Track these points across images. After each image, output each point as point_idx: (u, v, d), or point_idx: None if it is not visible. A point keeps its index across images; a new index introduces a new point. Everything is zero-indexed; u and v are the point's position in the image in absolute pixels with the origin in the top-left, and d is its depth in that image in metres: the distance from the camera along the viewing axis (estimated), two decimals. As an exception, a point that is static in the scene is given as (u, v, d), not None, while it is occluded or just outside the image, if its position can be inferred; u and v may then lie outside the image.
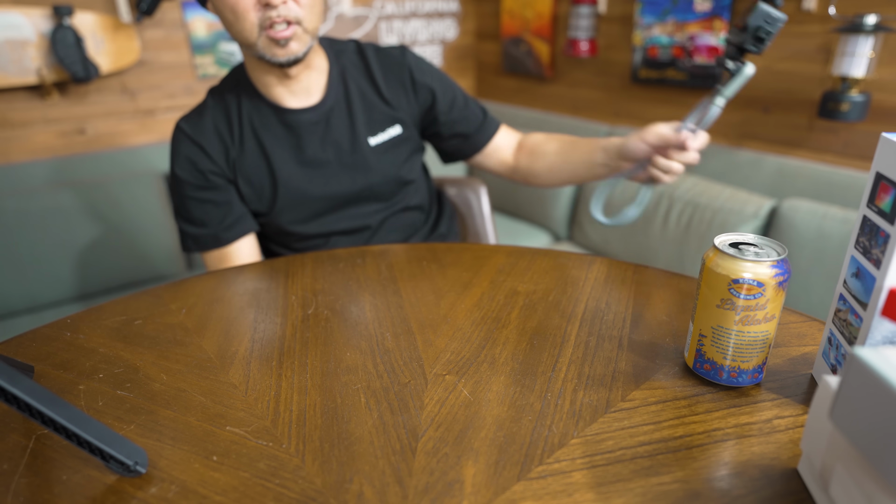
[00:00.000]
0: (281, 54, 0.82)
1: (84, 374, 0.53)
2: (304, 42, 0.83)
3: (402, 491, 0.39)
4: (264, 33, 0.80)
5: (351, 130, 0.93)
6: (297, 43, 0.82)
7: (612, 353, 0.54)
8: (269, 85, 0.89)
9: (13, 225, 1.57)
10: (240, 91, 0.91)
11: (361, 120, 0.93)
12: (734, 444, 0.43)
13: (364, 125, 0.94)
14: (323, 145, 0.92)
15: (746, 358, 0.47)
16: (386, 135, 0.96)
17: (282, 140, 0.91)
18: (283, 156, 0.91)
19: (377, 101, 0.95)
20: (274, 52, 0.81)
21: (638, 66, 1.99)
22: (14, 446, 0.44)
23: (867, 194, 0.43)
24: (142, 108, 1.92)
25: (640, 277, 0.69)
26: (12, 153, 1.73)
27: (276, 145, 0.91)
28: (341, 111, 0.93)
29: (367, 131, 0.94)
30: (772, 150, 1.72)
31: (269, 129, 0.90)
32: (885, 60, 1.44)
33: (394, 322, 0.61)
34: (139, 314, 0.64)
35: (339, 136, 0.93)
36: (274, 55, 0.82)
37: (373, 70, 0.95)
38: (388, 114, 0.95)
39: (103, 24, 1.72)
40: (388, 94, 0.95)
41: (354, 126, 0.93)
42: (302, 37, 0.82)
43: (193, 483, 0.40)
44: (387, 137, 0.96)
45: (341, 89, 0.94)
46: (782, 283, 0.44)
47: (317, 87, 0.92)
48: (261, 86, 0.90)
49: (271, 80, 0.88)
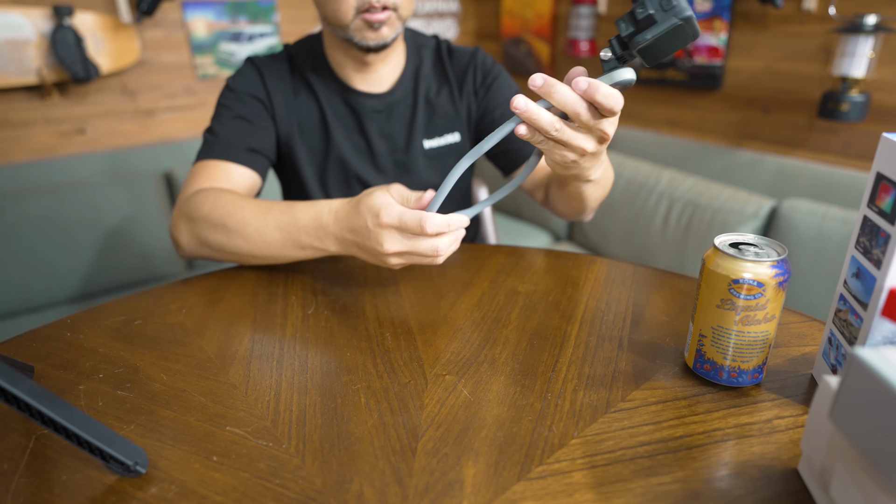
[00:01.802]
0: (372, 38, 0.80)
1: (84, 375, 0.53)
2: (395, 28, 0.82)
3: (402, 491, 0.39)
4: (360, 16, 0.78)
5: (409, 128, 0.92)
6: (389, 28, 0.81)
7: (612, 353, 0.54)
8: (342, 65, 0.89)
9: (13, 225, 1.57)
10: (315, 58, 0.90)
11: (421, 120, 0.93)
12: (734, 444, 0.43)
13: (422, 126, 0.93)
14: (380, 135, 0.92)
15: (746, 358, 0.47)
16: (443, 140, 0.95)
17: (342, 118, 0.91)
18: (340, 132, 0.91)
19: (442, 105, 0.94)
20: (365, 34, 0.80)
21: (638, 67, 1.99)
22: (14, 446, 0.44)
23: (867, 194, 0.43)
24: (142, 108, 1.92)
25: (640, 277, 0.69)
26: (12, 153, 1.73)
27: (336, 122, 0.90)
28: (405, 107, 0.92)
29: (423, 133, 0.93)
30: (772, 150, 1.72)
31: (332, 104, 0.90)
32: (885, 60, 1.44)
33: (394, 322, 0.61)
34: (139, 314, 0.64)
35: (396, 131, 0.92)
36: (364, 38, 0.81)
37: (447, 72, 0.94)
38: (450, 120, 0.94)
39: (103, 25, 1.72)
40: (455, 99, 0.94)
41: (413, 125, 0.92)
42: (394, 23, 0.81)
43: (193, 483, 0.40)
44: (443, 143, 0.95)
45: (411, 85, 0.93)
46: (782, 283, 0.44)
47: (389, 79, 0.91)
48: (334, 63, 0.89)
49: (346, 62, 0.88)
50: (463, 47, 0.96)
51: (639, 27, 0.48)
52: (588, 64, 2.18)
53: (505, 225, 2.18)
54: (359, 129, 0.91)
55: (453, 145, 0.95)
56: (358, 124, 0.91)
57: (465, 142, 0.97)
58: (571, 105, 0.50)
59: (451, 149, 0.95)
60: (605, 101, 0.49)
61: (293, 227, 0.67)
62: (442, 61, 0.94)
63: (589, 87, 0.49)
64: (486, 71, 0.94)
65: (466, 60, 0.94)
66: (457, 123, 0.95)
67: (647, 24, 0.47)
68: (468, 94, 0.94)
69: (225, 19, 1.98)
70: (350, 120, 0.91)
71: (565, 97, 0.50)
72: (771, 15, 1.64)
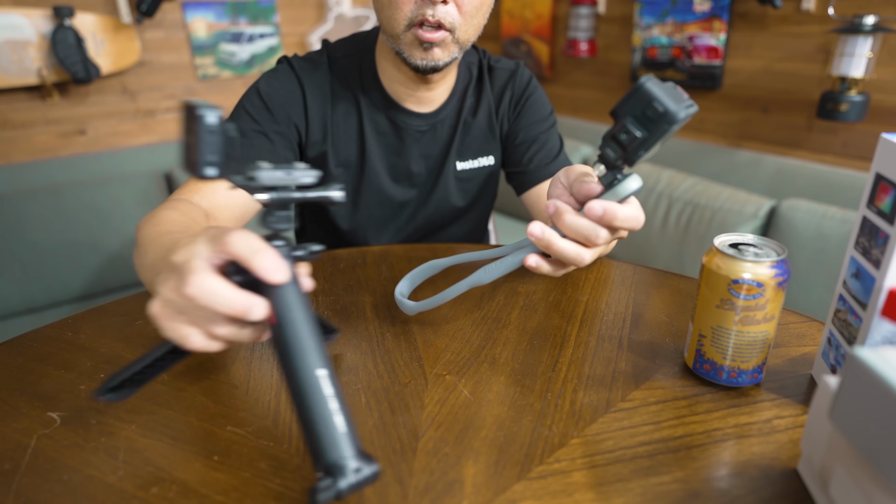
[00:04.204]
0: (420, 58, 0.73)
1: (85, 375, 0.53)
2: (450, 52, 0.74)
3: (402, 491, 0.39)
4: (412, 30, 0.71)
5: (446, 149, 0.88)
6: (443, 51, 0.73)
7: (612, 353, 0.55)
8: (393, 79, 0.82)
9: (13, 225, 1.57)
10: (362, 64, 0.83)
11: (458, 141, 0.88)
12: (734, 444, 0.43)
13: (457, 147, 0.88)
14: (419, 155, 0.87)
15: (746, 358, 0.47)
16: (476, 163, 0.90)
17: (384, 135, 0.85)
18: (377, 150, 0.85)
19: (479, 126, 0.89)
20: (414, 52, 0.73)
21: (637, 67, 1.99)
22: (15, 446, 0.44)
23: (867, 195, 0.43)
24: (142, 108, 1.92)
25: (640, 277, 0.70)
26: (13, 153, 1.73)
27: (375, 138, 0.84)
28: (447, 126, 0.88)
29: (457, 155, 0.89)
30: (771, 150, 1.73)
31: (373, 119, 0.84)
32: (883, 61, 1.44)
33: (394, 322, 0.61)
34: (140, 314, 0.64)
35: (435, 151, 0.88)
36: (412, 56, 0.74)
37: (484, 91, 0.89)
38: (486, 141, 0.90)
39: (104, 25, 1.73)
40: (492, 119, 0.89)
41: (451, 146, 0.88)
42: (450, 46, 0.74)
43: (194, 483, 0.40)
44: (476, 166, 0.90)
45: (457, 106, 0.88)
46: (782, 283, 0.44)
47: (439, 100, 0.86)
48: (385, 76, 0.82)
49: (399, 77, 0.81)
50: (504, 63, 0.91)
51: (628, 147, 0.43)
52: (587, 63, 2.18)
53: (505, 225, 2.18)
54: (398, 148, 0.86)
55: (486, 168, 0.91)
56: (399, 143, 0.86)
57: (497, 165, 0.92)
58: (589, 233, 0.46)
59: (483, 172, 0.91)
60: (626, 223, 0.46)
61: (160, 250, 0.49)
62: (482, 79, 0.89)
63: (605, 213, 0.45)
64: (522, 90, 0.90)
65: (505, 79, 0.90)
66: (492, 146, 0.91)
67: (638, 143, 0.42)
68: (503, 115, 0.90)
69: (225, 20, 1.98)
70: (392, 139, 0.85)
71: (580, 227, 0.46)
72: (770, 15, 1.64)
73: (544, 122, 0.91)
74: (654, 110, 0.41)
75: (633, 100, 0.41)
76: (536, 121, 0.90)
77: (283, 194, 0.39)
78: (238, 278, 0.39)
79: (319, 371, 0.36)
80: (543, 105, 0.92)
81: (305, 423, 0.36)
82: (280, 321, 0.37)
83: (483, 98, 0.89)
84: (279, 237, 0.40)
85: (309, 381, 0.36)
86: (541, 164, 0.88)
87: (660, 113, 0.40)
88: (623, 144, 0.43)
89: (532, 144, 0.89)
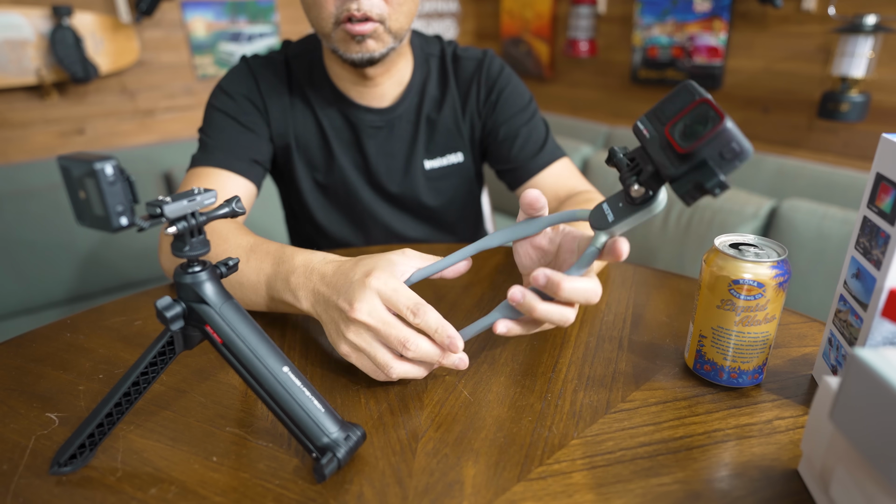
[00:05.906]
0: (355, 51, 0.73)
1: (84, 375, 0.53)
2: (384, 42, 0.74)
3: (402, 492, 0.39)
4: (340, 26, 0.71)
5: (410, 147, 0.87)
6: (376, 42, 0.73)
7: (612, 353, 0.54)
8: (339, 76, 0.82)
9: (13, 225, 1.57)
10: (312, 65, 0.84)
11: (423, 139, 0.86)
12: (734, 444, 0.43)
13: (424, 145, 0.87)
14: (379, 153, 0.86)
15: (747, 359, 0.47)
16: (445, 160, 0.88)
17: (340, 132, 0.85)
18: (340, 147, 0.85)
19: (444, 121, 0.87)
20: (348, 47, 0.73)
21: (637, 67, 1.99)
22: (14, 447, 0.44)
23: (867, 195, 0.43)
24: (141, 108, 1.92)
25: (640, 278, 0.69)
26: (12, 153, 1.73)
27: (334, 135, 0.85)
28: (408, 123, 0.86)
29: (425, 152, 0.87)
30: (771, 150, 1.73)
31: (328, 116, 0.84)
32: (884, 61, 1.44)
33: (394, 322, 0.61)
34: (139, 314, 0.64)
35: (397, 149, 0.86)
36: (347, 51, 0.74)
37: (449, 83, 0.86)
38: (452, 137, 0.88)
39: (102, 25, 1.72)
40: (457, 115, 0.87)
41: (415, 144, 0.86)
42: (382, 36, 0.73)
43: (193, 484, 0.40)
44: (445, 163, 0.89)
45: (416, 101, 0.86)
46: (782, 283, 0.44)
47: (391, 94, 0.84)
48: (332, 73, 0.83)
49: (343, 73, 0.82)
50: (470, 52, 0.88)
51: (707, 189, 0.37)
52: (588, 63, 2.18)
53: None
54: (356, 145, 0.85)
55: (456, 166, 0.89)
56: (356, 140, 0.85)
57: (468, 162, 0.90)
58: (580, 296, 0.43)
59: (455, 170, 0.90)
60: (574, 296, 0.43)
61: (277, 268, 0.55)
62: (445, 71, 0.87)
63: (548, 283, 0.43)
64: (492, 83, 0.86)
65: (472, 70, 0.87)
66: (459, 142, 0.88)
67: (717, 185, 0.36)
68: (472, 112, 0.87)
69: (224, 19, 1.98)
70: (348, 135, 0.85)
71: (574, 290, 0.43)
72: (770, 15, 1.64)
73: (523, 112, 0.87)
74: (731, 151, 0.35)
75: (714, 141, 0.35)
76: (515, 113, 0.87)
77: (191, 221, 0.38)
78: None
79: (284, 368, 0.40)
80: (520, 95, 0.88)
81: (289, 416, 0.40)
82: (229, 339, 0.40)
83: (448, 92, 0.87)
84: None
85: (280, 380, 0.40)
86: (528, 158, 0.86)
87: (737, 153, 0.35)
88: (705, 189, 0.36)
89: (516, 139, 0.86)
